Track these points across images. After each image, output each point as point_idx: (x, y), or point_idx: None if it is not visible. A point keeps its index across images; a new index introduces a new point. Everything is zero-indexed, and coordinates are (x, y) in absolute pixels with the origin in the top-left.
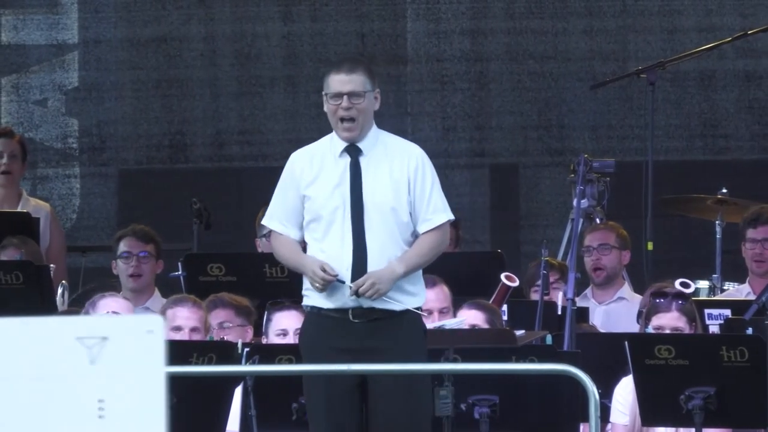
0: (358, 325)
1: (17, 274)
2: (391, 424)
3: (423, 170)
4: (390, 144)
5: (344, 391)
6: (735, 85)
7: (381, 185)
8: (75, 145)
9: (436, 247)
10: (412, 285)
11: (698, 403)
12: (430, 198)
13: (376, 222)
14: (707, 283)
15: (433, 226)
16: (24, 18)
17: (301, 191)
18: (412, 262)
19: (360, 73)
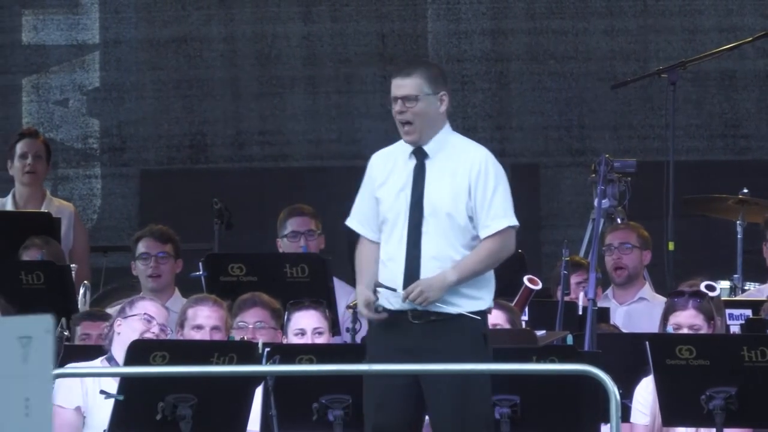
0: (416, 326)
1: (39, 274)
2: (441, 424)
3: (486, 175)
4: (456, 146)
5: (398, 390)
6: (756, 85)
7: (441, 189)
8: (96, 146)
9: (496, 253)
10: (475, 289)
11: (719, 404)
12: (491, 203)
13: (433, 226)
14: (728, 284)
15: (493, 232)
16: (44, 18)
17: (374, 193)
18: (468, 269)
19: (416, 77)
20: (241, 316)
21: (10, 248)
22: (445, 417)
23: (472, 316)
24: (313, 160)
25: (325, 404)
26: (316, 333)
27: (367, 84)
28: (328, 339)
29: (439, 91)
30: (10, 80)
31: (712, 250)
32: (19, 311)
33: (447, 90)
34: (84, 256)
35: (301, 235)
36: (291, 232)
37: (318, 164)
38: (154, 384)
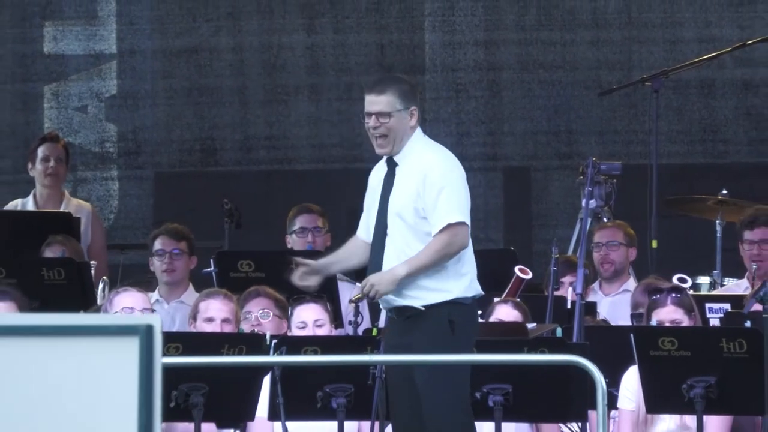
0: (397, 321)
1: (59, 270)
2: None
3: (431, 178)
4: (417, 153)
5: (398, 383)
6: (733, 93)
7: (400, 194)
8: (113, 150)
9: (444, 248)
10: (440, 282)
11: (699, 392)
12: (436, 203)
13: (393, 228)
14: (708, 279)
15: (438, 230)
16: (64, 29)
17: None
18: (417, 263)
19: (389, 94)
20: (246, 307)
21: (33, 245)
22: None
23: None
24: (316, 163)
25: (328, 393)
26: (317, 325)
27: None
28: (328, 330)
29: (410, 106)
30: (32, 88)
31: (692, 247)
32: (41, 305)
33: (416, 104)
34: (101, 253)
35: (309, 231)
36: (299, 229)
37: (321, 167)
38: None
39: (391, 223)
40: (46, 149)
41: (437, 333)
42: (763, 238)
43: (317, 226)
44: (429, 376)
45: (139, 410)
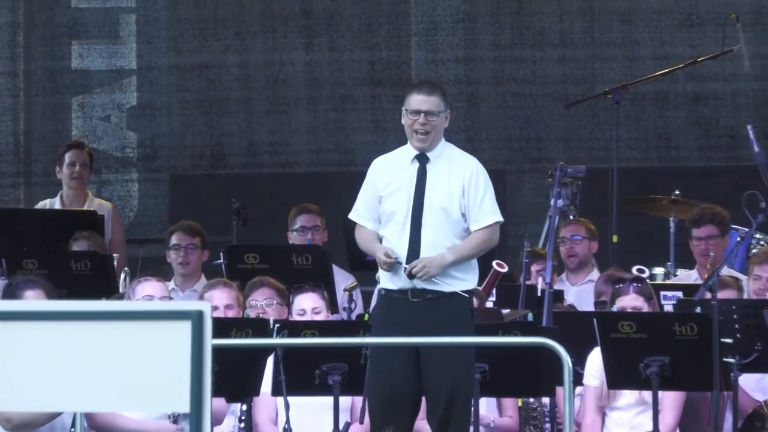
0: (415, 303)
1: (86, 262)
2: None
3: (477, 179)
4: (453, 155)
5: (402, 361)
6: (685, 105)
7: (439, 189)
8: (132, 155)
9: (484, 242)
10: (462, 273)
11: (655, 370)
12: (482, 202)
13: (431, 219)
14: (663, 270)
15: (483, 226)
16: (89, 47)
17: (378, 192)
18: (461, 254)
19: (437, 96)
20: (252, 296)
21: (61, 240)
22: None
23: (465, 294)
24: (313, 166)
25: (325, 371)
26: (315, 312)
27: (359, 103)
28: (326, 316)
29: (448, 109)
30: (61, 100)
31: (649, 242)
32: (69, 293)
33: (449, 108)
34: (121, 246)
35: (309, 229)
36: (300, 227)
37: (318, 170)
38: None
39: (431, 215)
40: (72, 155)
41: (463, 317)
42: (709, 235)
43: (316, 225)
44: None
45: (192, 384)
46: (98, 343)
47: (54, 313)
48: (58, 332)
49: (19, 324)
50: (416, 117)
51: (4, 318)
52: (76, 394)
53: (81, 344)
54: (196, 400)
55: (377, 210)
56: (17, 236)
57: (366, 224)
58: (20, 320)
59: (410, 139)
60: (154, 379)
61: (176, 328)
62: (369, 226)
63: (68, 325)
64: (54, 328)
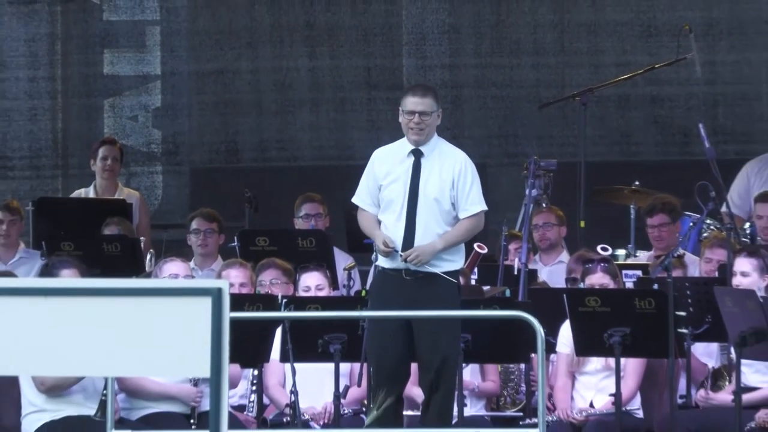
0: (408, 281)
1: (116, 245)
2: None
3: (465, 172)
4: (445, 150)
5: (395, 331)
6: (644, 106)
7: (432, 181)
8: (157, 150)
9: (471, 229)
10: (450, 255)
11: (617, 340)
12: (469, 193)
13: (424, 208)
14: (624, 251)
15: (470, 214)
16: (119, 55)
17: (378, 181)
18: (450, 241)
19: (430, 97)
20: (262, 275)
21: (94, 225)
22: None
23: (453, 272)
24: (316, 160)
25: (327, 340)
26: (318, 288)
27: (356, 105)
28: (328, 292)
29: (439, 108)
30: (94, 102)
31: (612, 226)
32: (101, 272)
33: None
34: (147, 230)
35: (312, 216)
36: (304, 214)
37: (320, 164)
38: None
39: (424, 205)
40: (105, 150)
41: (450, 292)
42: (661, 223)
43: (319, 212)
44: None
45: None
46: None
47: (89, 289)
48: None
49: (57, 299)
50: (411, 117)
51: (44, 293)
52: (109, 361)
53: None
54: (216, 366)
55: (377, 196)
56: (56, 222)
57: (368, 208)
58: (58, 296)
59: (407, 135)
60: (178, 348)
61: (198, 303)
62: (370, 210)
63: (101, 300)
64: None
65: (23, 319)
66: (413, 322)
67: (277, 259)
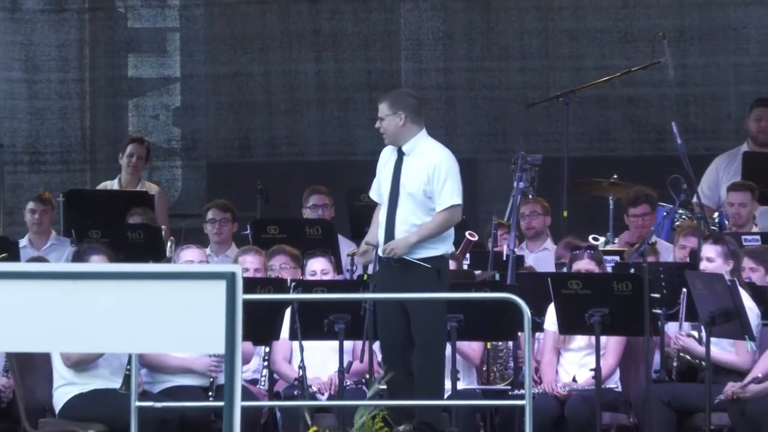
0: (397, 268)
1: (140, 232)
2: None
3: (439, 169)
4: (424, 149)
5: (393, 314)
6: (621, 106)
7: (410, 178)
8: (177, 146)
9: (444, 222)
10: (431, 244)
11: (597, 319)
12: (443, 189)
13: (403, 201)
14: (603, 239)
15: (442, 208)
16: (142, 59)
17: (379, 177)
18: (423, 234)
19: (382, 104)
20: (272, 260)
21: (120, 215)
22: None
23: (424, 264)
24: (322, 156)
25: (332, 320)
26: (323, 273)
27: (358, 105)
28: (332, 276)
29: (397, 111)
30: (119, 102)
31: (592, 216)
32: (126, 258)
33: (404, 109)
34: (165, 220)
35: (319, 207)
36: (312, 205)
37: (326, 159)
38: None
39: (403, 200)
40: (132, 148)
41: (429, 278)
42: (644, 212)
43: (325, 203)
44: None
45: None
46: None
47: (114, 273)
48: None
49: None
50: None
51: (73, 277)
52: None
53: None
54: (230, 344)
55: (380, 191)
56: (84, 212)
57: (378, 201)
58: (86, 279)
59: None
60: (196, 327)
61: (214, 286)
62: (379, 202)
63: (126, 283)
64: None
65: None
66: (406, 305)
67: (287, 246)
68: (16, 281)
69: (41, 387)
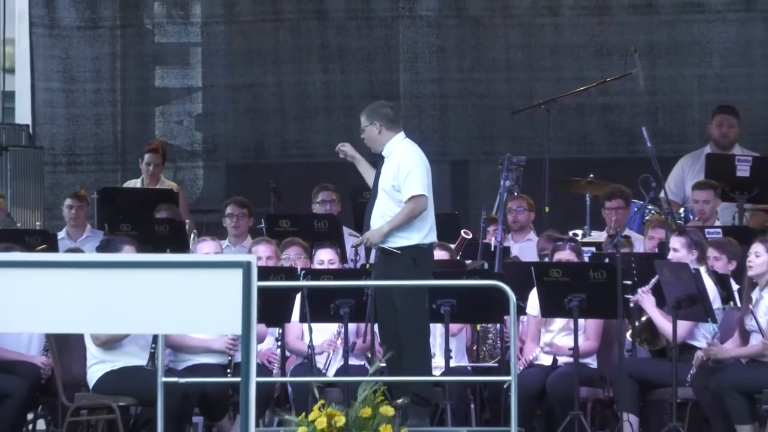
0: (382, 257)
1: (165, 226)
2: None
3: (402, 166)
4: (395, 150)
5: (386, 300)
6: (596, 113)
7: (384, 176)
8: (199, 149)
9: (410, 211)
10: (406, 233)
11: (575, 304)
12: (405, 182)
13: (380, 198)
14: (581, 231)
15: (406, 198)
16: (168, 71)
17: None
18: (394, 222)
19: (362, 116)
20: (284, 252)
21: (148, 210)
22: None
23: (397, 252)
24: (328, 157)
25: (338, 305)
26: (330, 263)
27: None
28: (338, 266)
29: (373, 121)
30: (147, 109)
31: (571, 211)
32: (152, 249)
33: (379, 119)
34: (186, 214)
35: (327, 203)
36: (320, 201)
37: (332, 160)
38: None
39: (379, 195)
40: (149, 158)
41: (406, 266)
42: (618, 206)
43: (332, 199)
44: (403, 292)
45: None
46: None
47: (142, 262)
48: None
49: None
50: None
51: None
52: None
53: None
54: (246, 325)
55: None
56: (116, 207)
57: None
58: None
59: None
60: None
61: (231, 273)
62: None
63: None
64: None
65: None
66: (392, 291)
67: (297, 238)
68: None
69: (77, 365)
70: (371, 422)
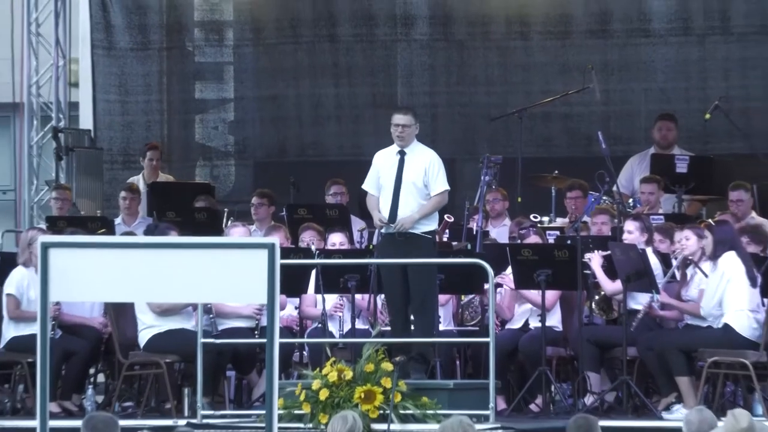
0: (399, 240)
1: (204, 213)
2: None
3: (432, 164)
4: (420, 150)
5: (395, 275)
6: (561, 120)
7: (410, 171)
8: (231, 149)
9: (438, 203)
10: (427, 220)
11: (543, 278)
12: (436, 178)
13: (405, 190)
14: (548, 218)
15: (436, 193)
16: (206, 85)
17: (378, 173)
18: (424, 212)
19: (410, 115)
20: (302, 235)
21: (189, 200)
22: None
23: (425, 236)
24: (339, 156)
25: (346, 279)
26: (341, 244)
27: (366, 119)
28: (347, 246)
29: (416, 122)
30: (188, 117)
31: (539, 201)
32: (193, 233)
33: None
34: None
35: (338, 194)
36: (332, 193)
37: (342, 158)
38: None
39: (405, 188)
40: (150, 154)
41: (430, 247)
42: (576, 196)
43: (342, 191)
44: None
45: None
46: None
47: (185, 244)
48: (188, 256)
49: (164, 250)
50: (397, 128)
51: (155, 247)
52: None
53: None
54: (270, 295)
55: (377, 183)
56: (163, 198)
57: (372, 192)
58: (165, 248)
59: (395, 141)
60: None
61: (258, 253)
62: (373, 192)
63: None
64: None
65: (142, 263)
66: (407, 268)
67: (313, 224)
68: (113, 250)
69: (130, 328)
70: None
